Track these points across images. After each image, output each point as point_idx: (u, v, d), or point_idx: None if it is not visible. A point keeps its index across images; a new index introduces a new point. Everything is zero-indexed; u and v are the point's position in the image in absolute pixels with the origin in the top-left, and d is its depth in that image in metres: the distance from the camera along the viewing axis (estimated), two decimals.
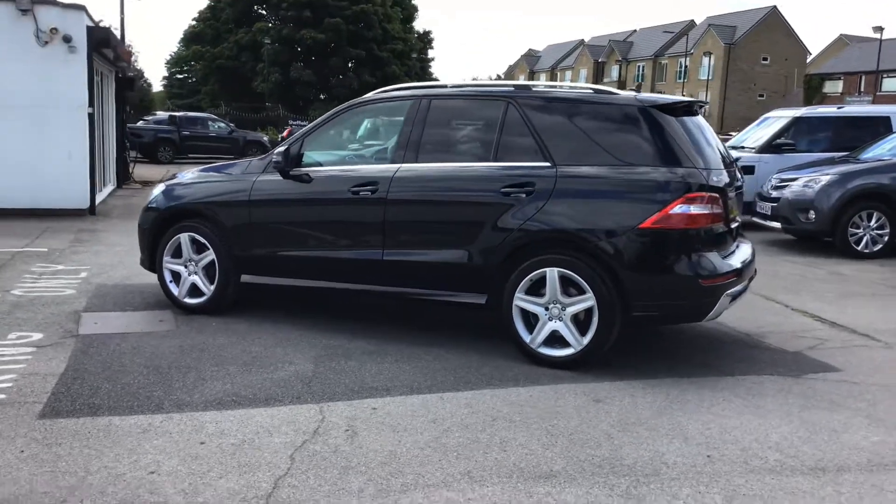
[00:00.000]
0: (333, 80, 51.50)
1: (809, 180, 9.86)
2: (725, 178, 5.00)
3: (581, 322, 4.83)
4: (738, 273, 4.87)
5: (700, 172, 4.68)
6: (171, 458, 3.56)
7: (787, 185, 10.09)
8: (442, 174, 5.24)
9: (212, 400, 4.28)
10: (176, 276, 6.17)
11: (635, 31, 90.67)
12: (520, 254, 4.93)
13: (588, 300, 4.75)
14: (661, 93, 62.37)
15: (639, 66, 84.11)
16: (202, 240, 5.98)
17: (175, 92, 59.96)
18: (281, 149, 5.66)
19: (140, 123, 28.06)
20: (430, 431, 3.92)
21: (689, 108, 5.16)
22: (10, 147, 11.15)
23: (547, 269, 4.84)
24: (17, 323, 5.73)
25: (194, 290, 6.10)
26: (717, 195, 4.75)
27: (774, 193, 10.27)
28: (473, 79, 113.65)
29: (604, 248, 4.69)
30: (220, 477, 3.39)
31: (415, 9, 59.77)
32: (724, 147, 5.60)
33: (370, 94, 5.79)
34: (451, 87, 5.59)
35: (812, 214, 9.68)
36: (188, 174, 6.51)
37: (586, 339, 4.79)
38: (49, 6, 11.15)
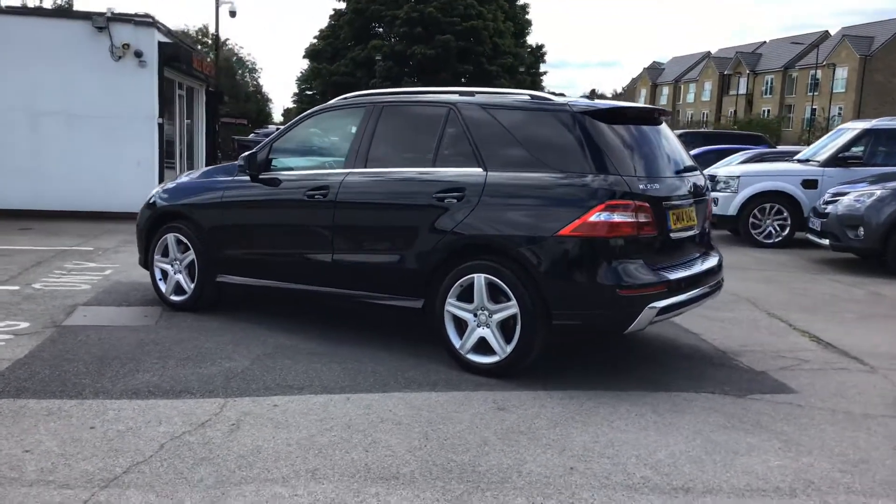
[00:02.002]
0: None
1: (861, 195, 9.20)
2: (666, 187, 4.80)
3: (509, 330, 4.74)
4: (669, 285, 4.64)
5: (625, 180, 4.51)
6: (54, 439, 3.78)
7: (837, 200, 9.45)
8: (383, 179, 5.29)
9: (129, 390, 4.50)
10: (165, 275, 6.50)
11: (764, 42, 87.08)
12: (451, 259, 4.91)
13: (512, 307, 4.67)
14: (790, 106, 58.85)
15: (767, 79, 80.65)
16: (185, 240, 6.29)
17: (304, 107, 62.64)
18: (247, 153, 5.89)
19: (251, 136, 29.52)
20: (310, 429, 3.97)
21: (631, 115, 4.99)
22: (85, 154, 12.05)
23: (475, 276, 4.80)
24: (14, 313, 6.19)
25: (179, 288, 6.41)
26: (646, 204, 4.56)
27: (828, 209, 9.64)
28: (592, 92, 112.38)
29: (525, 255, 4.60)
30: (84, 459, 3.57)
31: (528, 23, 59.68)
32: (685, 157, 5.36)
33: (333, 101, 5.93)
34: (403, 93, 5.64)
35: (861, 231, 9.02)
36: (183, 176, 6.85)
37: (510, 348, 4.71)
38: (123, 23, 12.01)
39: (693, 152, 16.87)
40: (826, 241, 9.52)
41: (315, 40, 55.58)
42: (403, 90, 5.71)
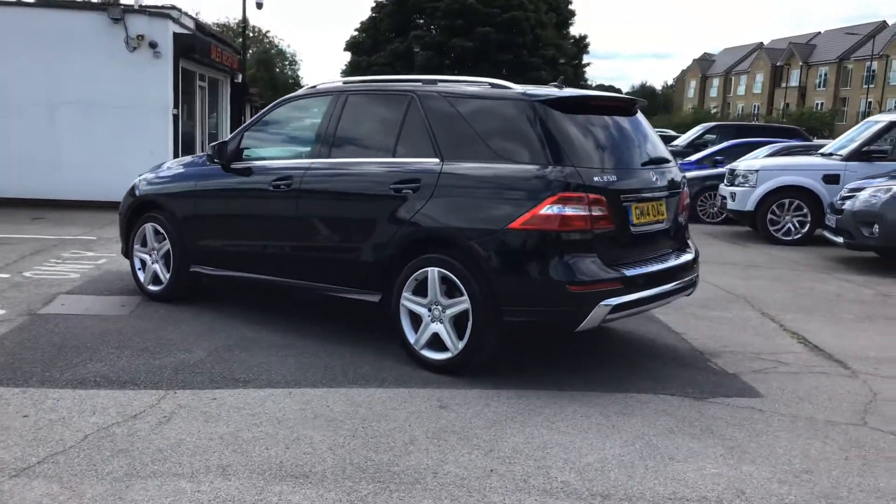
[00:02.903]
0: None
1: (877, 190, 8.80)
2: (627, 180, 4.61)
3: (462, 326, 4.61)
4: (626, 281, 4.45)
5: (579, 171, 4.33)
6: None
7: (854, 196, 9.06)
8: (343, 170, 5.20)
9: (76, 379, 4.49)
10: (144, 264, 6.51)
11: (819, 33, 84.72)
12: (406, 252, 4.79)
13: (464, 303, 4.54)
14: (844, 99, 57.40)
15: (821, 71, 78.55)
16: (161, 230, 6.29)
17: None
18: (217, 142, 5.85)
19: None
20: (239, 424, 3.90)
21: (595, 105, 4.81)
22: (100, 144, 12.22)
23: (429, 269, 4.68)
24: None
25: (156, 278, 6.42)
26: (602, 196, 4.38)
27: (845, 205, 9.25)
28: (642, 85, 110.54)
29: (475, 249, 4.46)
30: (5, 448, 3.55)
31: (571, 14, 59.00)
32: (657, 149, 5.14)
33: (301, 90, 5.86)
34: (367, 81, 5.53)
35: (876, 229, 8.63)
36: (167, 164, 6.85)
37: (461, 344, 4.58)
38: (138, 15, 12.12)
39: (722, 146, 16.51)
40: (840, 239, 9.14)
41: (356, 32, 55.72)
42: (370, 78, 5.61)
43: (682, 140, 19.85)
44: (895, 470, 3.61)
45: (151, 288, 6.45)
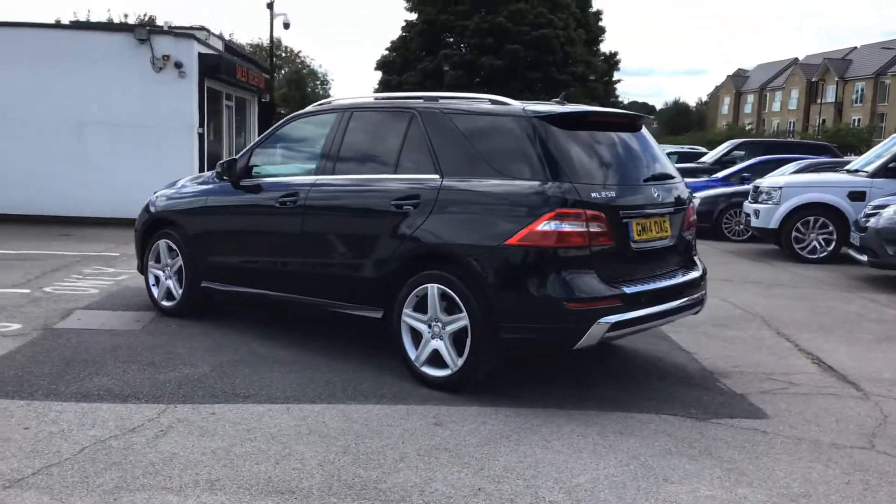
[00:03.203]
0: None
1: None
2: (628, 196, 4.58)
3: (461, 343, 4.60)
4: (625, 299, 4.40)
5: (576, 188, 4.31)
6: None
7: (878, 213, 8.88)
8: (347, 186, 5.24)
9: (80, 393, 4.55)
10: (158, 280, 6.60)
11: (855, 48, 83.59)
12: (407, 268, 4.80)
13: (463, 319, 4.53)
14: (882, 115, 56.34)
15: (857, 86, 77.42)
16: (174, 246, 6.37)
17: None
18: (227, 160, 5.93)
19: None
20: (233, 439, 3.92)
21: (595, 121, 4.79)
22: (126, 163, 12.45)
23: (428, 286, 4.67)
24: (13, 315, 6.39)
25: (169, 294, 6.50)
26: (600, 213, 4.35)
27: (869, 223, 9.07)
28: (676, 101, 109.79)
29: (474, 265, 4.45)
30: (2, 459, 3.61)
31: (601, 31, 58.96)
32: (662, 165, 5.09)
33: (309, 107, 5.92)
34: (372, 99, 5.57)
35: None
36: (181, 181, 6.95)
37: (461, 361, 4.57)
38: (163, 35, 12.38)
39: (749, 162, 16.32)
40: (865, 258, 8.95)
41: (386, 52, 56.21)
42: (374, 95, 5.65)
43: (710, 157, 19.64)
44: None
45: (165, 303, 6.53)
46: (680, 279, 4.94)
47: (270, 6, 21.12)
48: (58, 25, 13.08)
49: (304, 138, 5.89)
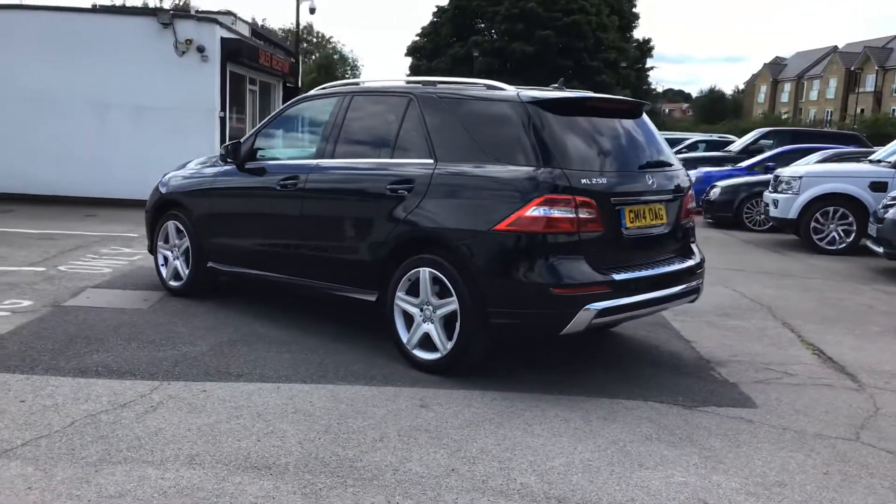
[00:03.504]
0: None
1: None
2: (620, 183, 4.57)
3: (452, 326, 4.63)
4: (614, 285, 4.39)
5: (566, 173, 4.30)
6: None
7: (895, 205, 8.73)
8: (344, 170, 5.28)
9: (79, 368, 4.67)
10: (166, 260, 6.73)
11: (895, 36, 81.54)
12: (400, 252, 4.84)
13: (453, 303, 4.56)
14: None
15: None
16: (181, 227, 6.48)
17: None
18: (231, 142, 6.01)
19: None
20: (220, 416, 4.00)
21: (591, 107, 4.78)
22: (149, 145, 12.63)
23: (420, 269, 4.71)
24: (25, 292, 6.55)
25: (176, 274, 6.62)
26: (590, 199, 4.34)
27: (887, 214, 8.91)
28: (711, 89, 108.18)
29: (463, 250, 4.48)
30: None
31: (635, 17, 58.25)
32: (660, 151, 5.06)
33: (312, 91, 5.96)
34: (372, 83, 5.60)
35: None
36: (190, 164, 7.05)
37: (450, 345, 4.60)
38: (186, 20, 12.50)
39: (774, 151, 16.07)
40: (881, 249, 8.81)
41: (417, 37, 56.13)
42: (375, 80, 5.68)
43: (737, 145, 19.38)
44: (875, 487, 3.48)
45: (172, 283, 6.65)
46: (674, 267, 4.92)
47: None
48: (83, 9, 13.29)
49: (306, 122, 5.94)
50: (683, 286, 4.96)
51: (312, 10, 22.79)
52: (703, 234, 12.68)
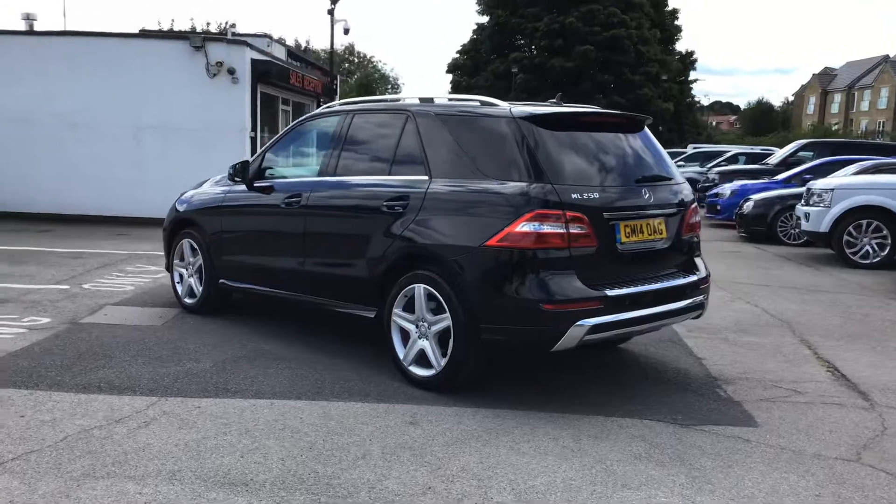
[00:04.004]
0: (583, 104, 51.54)
1: None
2: (614, 197, 4.52)
3: (446, 343, 4.61)
4: (607, 301, 4.32)
5: (556, 188, 4.26)
6: None
7: None
8: (344, 187, 5.32)
9: (82, 384, 4.76)
10: (182, 278, 6.84)
11: None
12: (397, 269, 4.85)
13: (446, 320, 4.54)
14: None
15: None
16: (195, 245, 6.60)
17: None
18: (240, 162, 6.11)
19: None
20: (208, 431, 4.04)
21: (585, 121, 4.74)
22: (181, 165, 12.89)
23: (415, 286, 4.71)
24: (45, 309, 6.73)
25: (191, 291, 6.73)
26: (581, 214, 4.29)
27: None
28: (759, 101, 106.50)
29: (455, 266, 4.46)
30: None
31: (677, 29, 57.72)
32: (659, 165, 4.98)
33: (317, 110, 6.03)
34: (373, 101, 5.64)
35: None
36: (206, 183, 7.17)
37: (444, 361, 4.58)
38: (217, 43, 12.78)
39: (813, 163, 15.73)
40: None
41: (457, 54, 56.47)
42: (376, 98, 5.72)
43: (775, 158, 19.01)
44: None
45: (187, 300, 6.76)
46: (675, 282, 4.83)
47: (331, 13, 21.57)
48: (118, 34, 13.61)
49: (310, 140, 6.01)
50: (685, 302, 4.86)
51: (346, 31, 23.17)
52: (735, 248, 12.47)
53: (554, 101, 5.09)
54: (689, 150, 29.58)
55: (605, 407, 4.56)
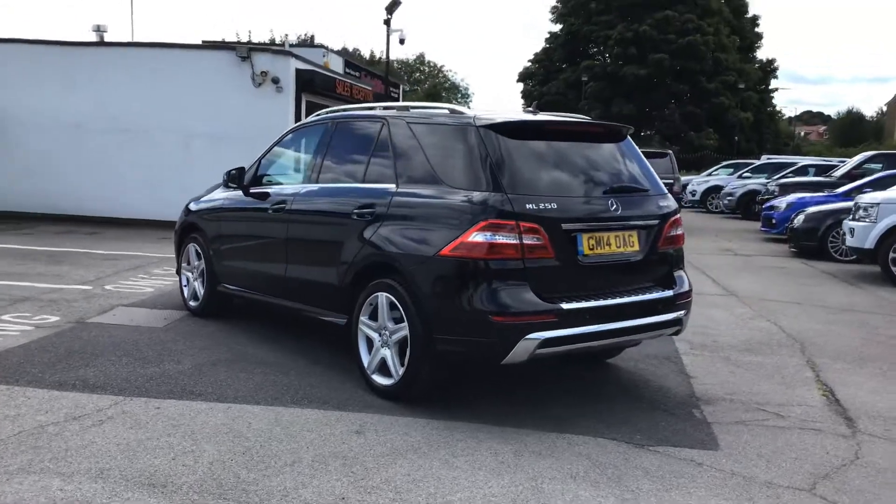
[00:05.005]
0: (656, 113, 50.58)
1: None
2: (576, 208, 4.40)
3: (405, 352, 4.58)
4: (562, 314, 4.19)
5: (510, 198, 4.18)
6: None
7: None
8: (322, 195, 5.36)
9: (59, 381, 4.91)
10: (188, 281, 7.01)
11: None
12: (363, 276, 4.84)
13: (404, 329, 4.51)
14: None
15: None
16: (199, 249, 6.75)
17: None
18: (235, 168, 6.24)
19: None
20: (155, 432, 4.10)
21: (553, 130, 4.64)
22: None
23: (379, 294, 4.70)
24: (58, 308, 6.99)
25: (195, 295, 6.89)
26: (536, 225, 4.19)
27: None
28: (849, 111, 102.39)
29: (412, 275, 4.43)
30: None
31: (758, 37, 56.11)
32: (633, 176, 4.83)
33: (308, 118, 6.09)
34: (356, 109, 5.66)
35: None
36: (216, 189, 7.32)
37: (402, 371, 4.55)
38: (262, 53, 13.08)
39: (874, 176, 14.99)
40: None
41: (529, 63, 56.33)
42: (359, 106, 5.74)
43: (841, 170, 18.19)
44: None
45: (192, 304, 6.92)
46: (646, 297, 4.66)
47: (387, 23, 21.84)
48: (169, 44, 14.10)
49: (301, 147, 6.07)
50: (659, 318, 4.68)
51: (402, 41, 23.39)
52: (781, 263, 11.99)
53: (531, 109, 4.99)
54: (762, 160, 28.63)
55: (564, 423, 4.44)
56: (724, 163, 30.95)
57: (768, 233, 15.62)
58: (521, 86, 56.42)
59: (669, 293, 4.79)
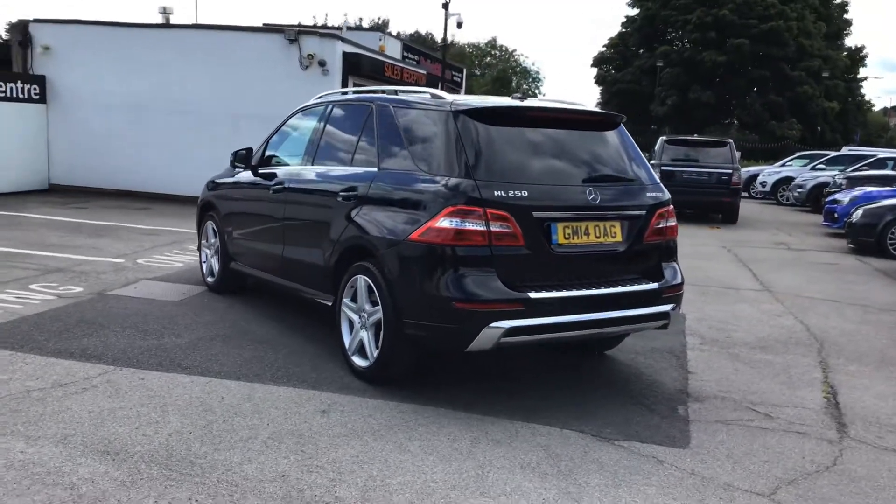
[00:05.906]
0: (735, 101, 48.99)
1: None
2: (550, 196, 4.31)
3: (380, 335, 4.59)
4: (529, 304, 4.12)
5: (478, 184, 4.12)
6: None
7: None
8: (314, 177, 5.39)
9: (60, 349, 5.12)
10: (207, 258, 7.20)
11: None
12: (346, 259, 4.87)
13: (379, 312, 4.52)
14: None
15: None
16: (215, 227, 6.92)
17: None
18: (244, 149, 6.34)
19: None
20: (130, 402, 4.24)
21: (532, 117, 4.54)
22: None
23: (358, 276, 4.72)
24: (86, 280, 7.26)
25: (212, 271, 7.06)
26: (504, 212, 4.12)
27: None
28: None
29: (384, 259, 4.43)
30: None
31: (847, 23, 53.62)
32: (616, 165, 4.70)
33: (312, 100, 6.13)
34: (352, 92, 5.66)
35: None
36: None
37: (377, 353, 4.57)
38: (310, 36, 13.22)
39: None
40: None
41: (604, 48, 55.29)
42: (357, 90, 5.74)
43: None
44: None
45: (209, 280, 7.11)
46: (628, 288, 4.53)
47: (445, 6, 21.71)
48: (222, 27, 14.39)
49: (301, 130, 6.12)
50: (641, 310, 4.55)
51: (459, 25, 23.22)
52: (833, 259, 11.49)
53: (518, 95, 4.90)
54: (842, 152, 27.37)
55: (535, 412, 4.38)
56: (799, 153, 29.73)
57: (830, 227, 14.97)
58: (594, 70, 55.49)
59: (654, 286, 4.65)
